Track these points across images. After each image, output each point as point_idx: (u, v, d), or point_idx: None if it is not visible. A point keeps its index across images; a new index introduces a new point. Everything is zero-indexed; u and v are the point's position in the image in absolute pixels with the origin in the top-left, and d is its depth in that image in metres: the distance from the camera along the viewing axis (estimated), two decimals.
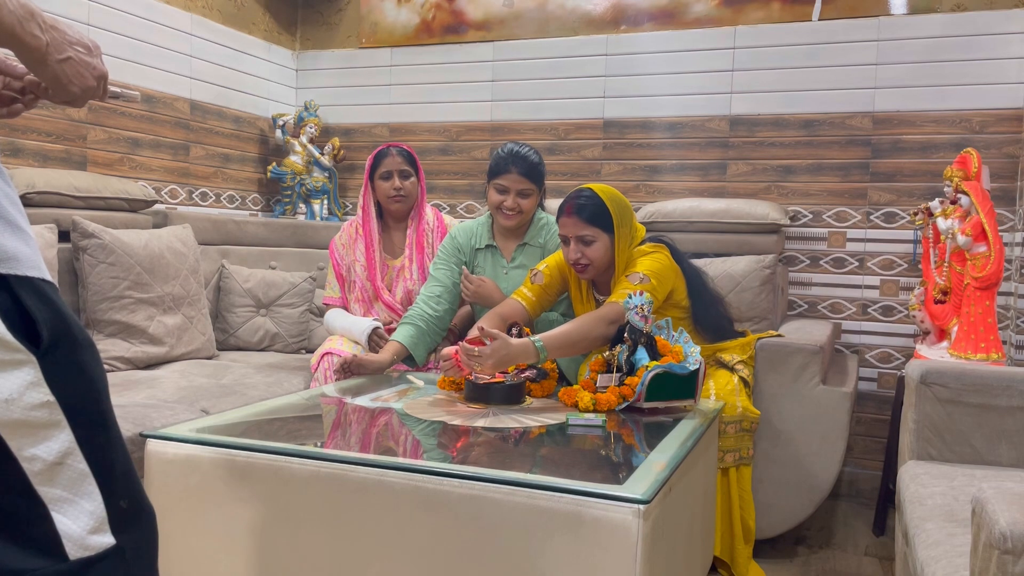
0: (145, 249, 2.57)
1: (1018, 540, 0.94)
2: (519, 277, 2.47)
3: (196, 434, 1.58)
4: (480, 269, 2.54)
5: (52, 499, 0.88)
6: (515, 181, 2.39)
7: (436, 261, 2.54)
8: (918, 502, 1.62)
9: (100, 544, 0.90)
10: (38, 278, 0.89)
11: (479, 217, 2.62)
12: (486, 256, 2.54)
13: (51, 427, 0.88)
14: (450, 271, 2.50)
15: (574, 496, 1.29)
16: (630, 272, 2.15)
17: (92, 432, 0.91)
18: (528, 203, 2.43)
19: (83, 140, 2.88)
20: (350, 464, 1.43)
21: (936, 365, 1.98)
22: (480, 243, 2.54)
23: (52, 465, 0.87)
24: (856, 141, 3.05)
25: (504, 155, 2.43)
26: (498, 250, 2.53)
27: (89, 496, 0.90)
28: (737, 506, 2.18)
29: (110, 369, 2.45)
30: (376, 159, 2.63)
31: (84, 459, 0.90)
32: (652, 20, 3.31)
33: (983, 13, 2.88)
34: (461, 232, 2.57)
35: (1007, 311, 2.83)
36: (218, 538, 1.51)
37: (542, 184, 2.47)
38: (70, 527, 0.88)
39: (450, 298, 2.47)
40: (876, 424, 3.03)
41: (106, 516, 0.91)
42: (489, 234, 2.54)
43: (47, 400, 0.87)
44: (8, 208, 0.88)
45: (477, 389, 1.91)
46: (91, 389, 0.92)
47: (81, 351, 0.91)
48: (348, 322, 2.56)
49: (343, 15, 3.81)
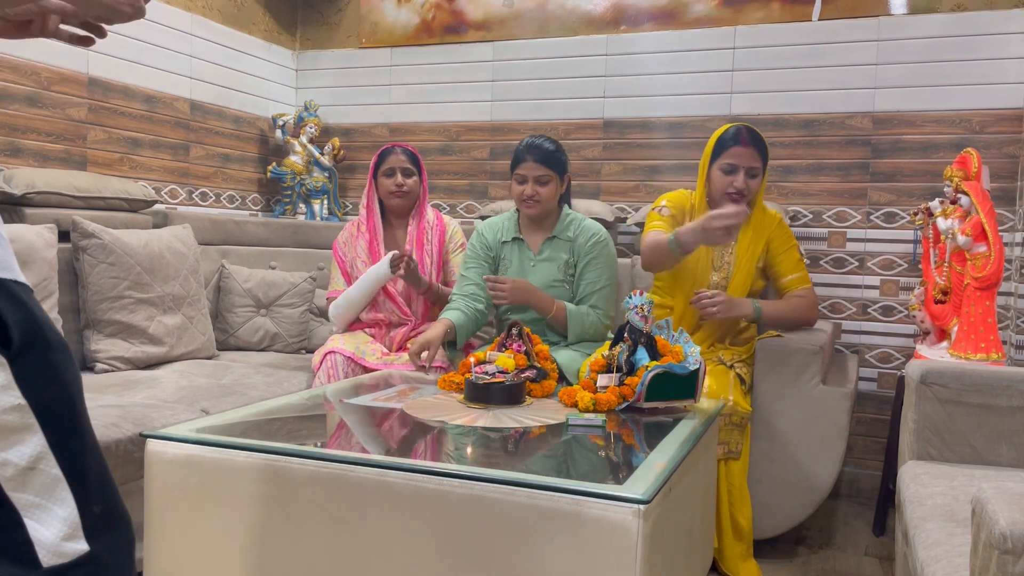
0: (145, 249, 2.57)
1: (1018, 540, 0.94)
2: (546, 270, 2.51)
3: (196, 434, 1.58)
4: (507, 262, 2.57)
5: (25, 505, 0.86)
6: (532, 168, 2.45)
7: (466, 261, 2.59)
8: (918, 502, 1.62)
9: (74, 551, 0.88)
10: (9, 279, 0.87)
11: (505, 213, 2.67)
12: (512, 249, 2.57)
13: (23, 431, 0.85)
14: (480, 269, 2.56)
15: (574, 496, 1.29)
16: (792, 244, 2.49)
17: (65, 436, 0.89)
18: (546, 191, 2.47)
19: (83, 140, 2.88)
20: (350, 464, 1.43)
21: (936, 365, 1.98)
22: (507, 236, 2.58)
23: (24, 470, 0.85)
24: (856, 141, 3.05)
25: (522, 147, 2.51)
26: (525, 243, 2.57)
27: (62, 502, 0.87)
28: (726, 502, 2.19)
29: (110, 369, 2.46)
30: (381, 156, 2.69)
31: (57, 464, 0.87)
32: (652, 20, 3.31)
33: (983, 13, 2.88)
34: (487, 228, 2.61)
35: (1007, 311, 2.83)
36: (218, 538, 1.51)
37: (562, 171, 2.51)
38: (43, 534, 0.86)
39: (485, 296, 2.52)
40: (876, 424, 3.03)
41: (80, 522, 0.88)
42: (516, 227, 2.58)
43: (18, 403, 0.84)
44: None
45: (477, 389, 1.91)
46: (64, 392, 0.90)
47: (54, 353, 0.89)
48: (364, 276, 2.60)
49: (343, 15, 3.81)
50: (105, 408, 1.96)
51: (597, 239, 2.52)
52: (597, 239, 2.52)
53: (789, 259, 2.48)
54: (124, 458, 1.85)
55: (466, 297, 2.52)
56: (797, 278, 2.48)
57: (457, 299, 2.52)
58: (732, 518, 2.20)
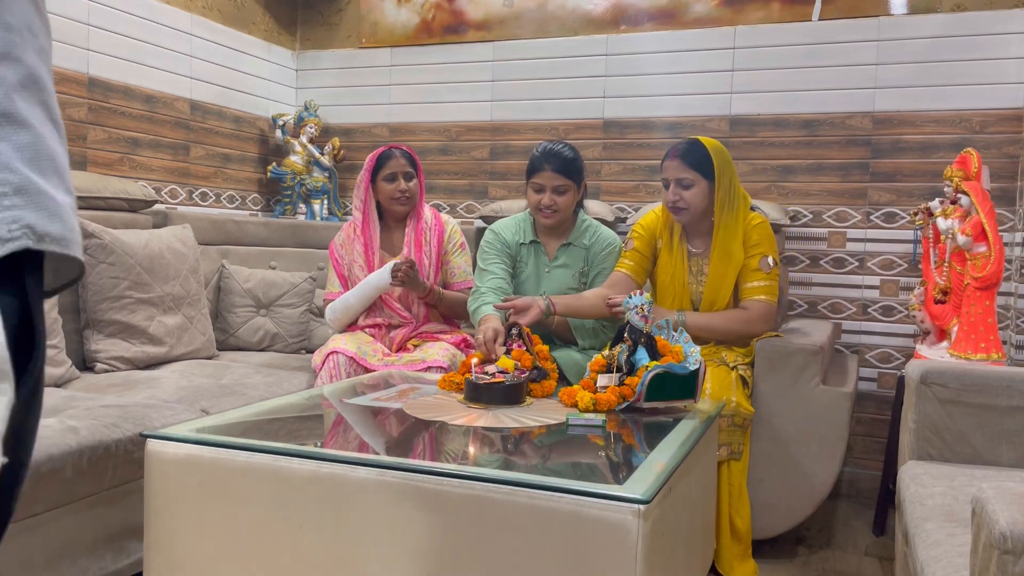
0: (145, 249, 2.56)
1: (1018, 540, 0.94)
2: (560, 277, 2.50)
3: (196, 434, 1.58)
4: (523, 264, 2.56)
5: None
6: (550, 178, 2.43)
7: (486, 257, 2.54)
8: (918, 502, 1.62)
9: None
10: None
11: (518, 215, 2.65)
12: (529, 252, 2.56)
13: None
14: (503, 264, 2.53)
15: (574, 496, 1.29)
16: (756, 253, 2.34)
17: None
18: (564, 200, 2.45)
19: (83, 140, 2.87)
20: (350, 464, 1.43)
21: (936, 365, 1.98)
22: (524, 238, 2.56)
23: None
24: (856, 141, 3.05)
25: (539, 154, 2.46)
26: (541, 247, 2.56)
27: None
28: (726, 503, 2.19)
29: (110, 369, 2.46)
30: (379, 161, 2.65)
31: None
32: (652, 20, 3.31)
33: (983, 13, 2.88)
34: (504, 228, 2.59)
35: (1007, 311, 2.83)
36: (218, 538, 1.51)
37: (580, 179, 2.48)
38: None
39: (509, 290, 2.49)
40: (876, 424, 3.03)
41: None
42: (532, 230, 2.57)
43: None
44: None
45: (477, 389, 1.91)
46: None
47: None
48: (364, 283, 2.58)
49: (343, 15, 3.81)
50: (105, 408, 1.96)
51: (612, 249, 2.52)
52: (612, 249, 2.52)
53: (748, 267, 2.36)
54: (124, 458, 1.85)
55: (494, 291, 2.44)
56: (749, 288, 2.35)
57: (487, 293, 2.43)
58: (730, 519, 2.20)
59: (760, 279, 2.34)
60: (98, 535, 1.83)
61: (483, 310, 2.35)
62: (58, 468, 1.69)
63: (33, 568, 1.68)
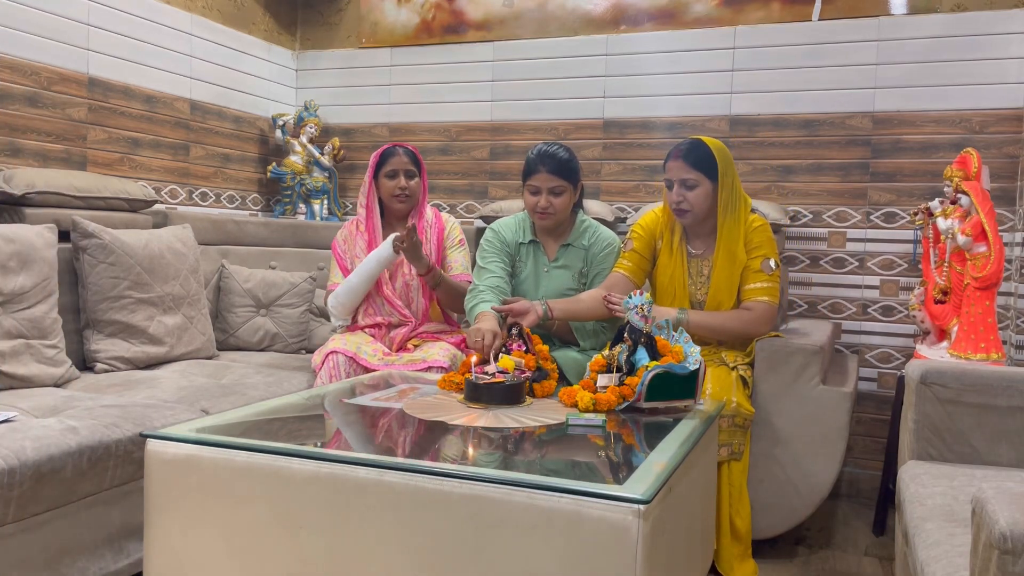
0: (145, 249, 2.56)
1: (1018, 540, 0.94)
2: (560, 277, 2.50)
3: (196, 434, 1.58)
4: (522, 264, 2.56)
5: None
6: (545, 180, 2.42)
7: (485, 255, 2.53)
8: (918, 502, 1.62)
9: None
10: None
11: (518, 214, 2.65)
12: (528, 251, 2.57)
13: None
14: (502, 263, 2.53)
15: (574, 496, 1.29)
16: (758, 255, 2.34)
17: None
18: (560, 201, 2.44)
19: (83, 140, 2.88)
20: (350, 464, 1.43)
21: (936, 365, 1.98)
22: (524, 238, 2.56)
23: None
24: (856, 141, 3.05)
25: (534, 156, 2.46)
26: (541, 247, 2.56)
27: None
28: (726, 503, 2.19)
29: (110, 369, 2.46)
30: (382, 157, 2.66)
31: None
32: (652, 20, 3.31)
33: (983, 13, 2.88)
34: (504, 228, 2.59)
35: (1007, 311, 2.83)
36: (218, 538, 1.50)
37: (576, 180, 2.48)
38: None
39: (507, 289, 2.49)
40: (876, 424, 3.03)
41: None
42: (532, 230, 2.57)
43: None
44: None
45: (477, 389, 1.91)
46: None
47: None
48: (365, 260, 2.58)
49: (343, 15, 3.81)
50: (105, 408, 1.96)
51: (611, 249, 2.53)
52: (611, 249, 2.53)
53: (750, 268, 2.36)
54: (124, 458, 1.85)
55: (492, 289, 2.43)
56: (751, 289, 2.35)
57: (485, 291, 2.42)
58: (730, 519, 2.20)
59: (762, 280, 2.35)
60: (98, 535, 1.83)
61: (480, 308, 2.35)
62: (58, 468, 1.69)
63: (33, 568, 1.68)
